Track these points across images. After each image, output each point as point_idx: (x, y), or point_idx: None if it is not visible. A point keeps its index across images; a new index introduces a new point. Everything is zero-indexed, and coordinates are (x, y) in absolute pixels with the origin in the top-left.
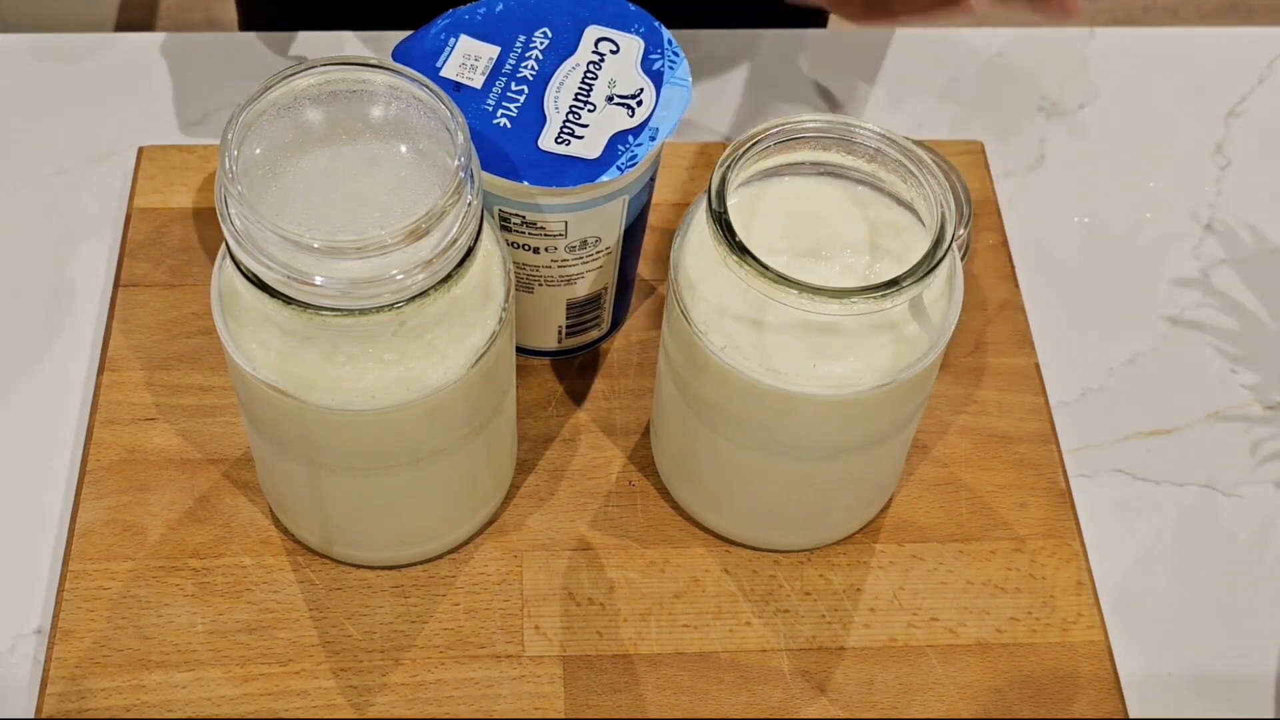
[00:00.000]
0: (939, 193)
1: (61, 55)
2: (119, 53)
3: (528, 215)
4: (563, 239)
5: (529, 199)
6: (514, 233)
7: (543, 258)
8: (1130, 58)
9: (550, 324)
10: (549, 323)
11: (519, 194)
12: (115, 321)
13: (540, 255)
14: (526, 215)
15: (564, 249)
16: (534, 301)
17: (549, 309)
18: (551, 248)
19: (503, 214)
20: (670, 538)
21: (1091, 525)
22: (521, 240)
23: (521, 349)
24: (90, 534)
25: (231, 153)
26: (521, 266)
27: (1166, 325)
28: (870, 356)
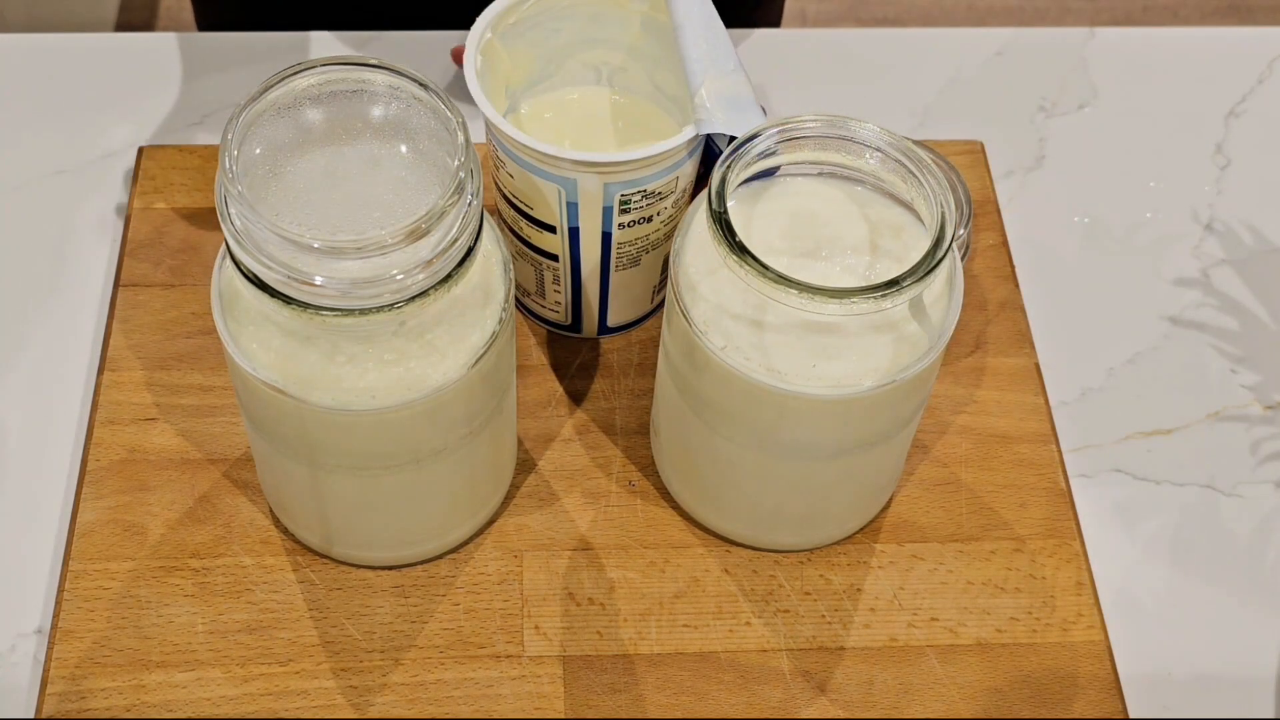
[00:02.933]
0: (939, 192)
1: (62, 55)
2: (119, 53)
3: (650, 187)
4: (673, 195)
5: (664, 162)
6: (631, 212)
7: (654, 224)
8: (1130, 58)
9: (648, 288)
10: (647, 287)
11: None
12: (115, 321)
13: (652, 223)
14: (649, 188)
15: (671, 204)
16: (638, 274)
17: (650, 274)
18: (663, 209)
19: (623, 199)
20: (670, 538)
21: (1091, 525)
22: (636, 217)
23: (626, 325)
24: (90, 534)
25: (232, 152)
26: (630, 244)
27: (1167, 325)
28: (870, 356)
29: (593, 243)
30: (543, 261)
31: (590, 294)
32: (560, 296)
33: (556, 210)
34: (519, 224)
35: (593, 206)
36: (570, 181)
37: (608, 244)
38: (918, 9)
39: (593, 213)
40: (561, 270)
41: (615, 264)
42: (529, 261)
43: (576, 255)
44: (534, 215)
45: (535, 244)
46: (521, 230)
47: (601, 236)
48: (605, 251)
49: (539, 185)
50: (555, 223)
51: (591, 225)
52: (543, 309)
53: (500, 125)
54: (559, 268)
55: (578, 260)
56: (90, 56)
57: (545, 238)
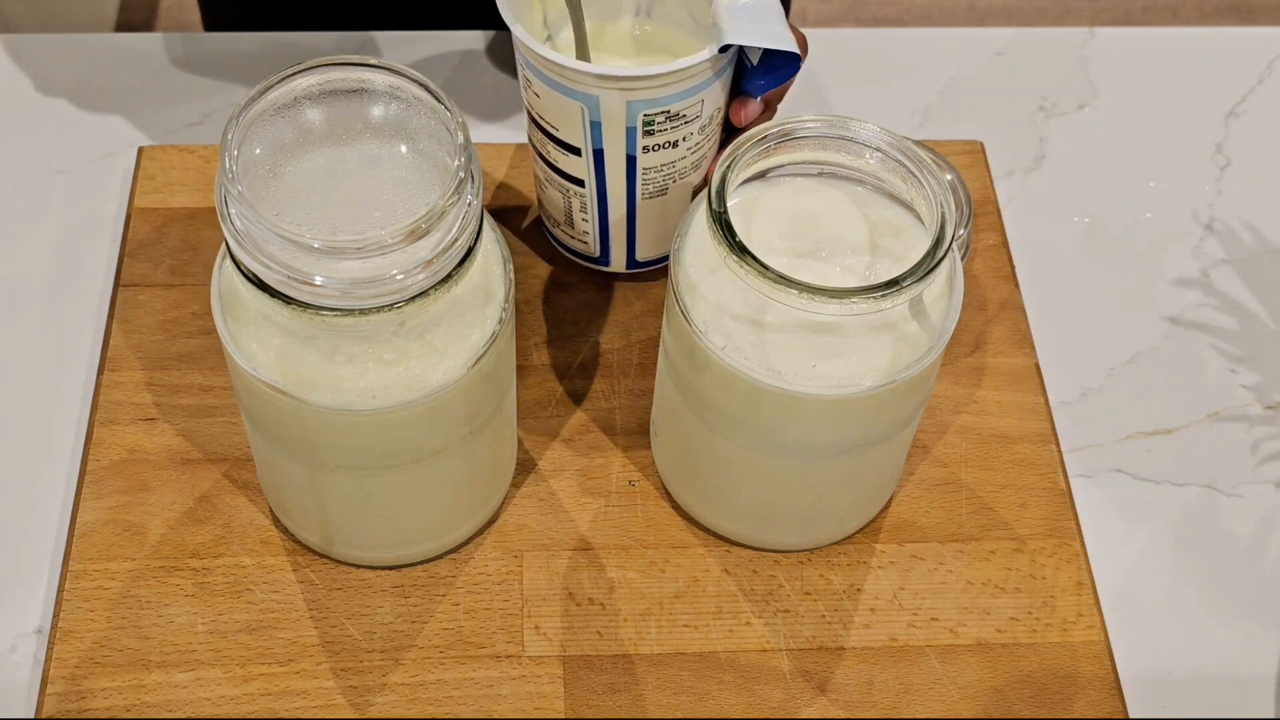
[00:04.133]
0: (939, 192)
1: (62, 55)
2: (119, 53)
3: (673, 108)
4: (698, 120)
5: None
6: (655, 134)
7: (679, 150)
8: (1130, 58)
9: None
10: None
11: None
12: (115, 321)
13: (678, 149)
14: (672, 108)
15: (698, 131)
16: (665, 204)
17: (679, 206)
18: (688, 135)
19: (645, 119)
20: (670, 538)
21: (1092, 525)
22: (661, 141)
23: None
24: (90, 534)
25: (232, 153)
26: (656, 170)
27: (1167, 325)
28: (870, 356)
29: (618, 166)
30: (570, 188)
31: (617, 223)
32: (588, 225)
33: (581, 130)
34: (546, 147)
35: (616, 126)
36: (593, 99)
37: (633, 168)
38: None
39: (616, 133)
40: (588, 196)
41: (641, 191)
42: (557, 189)
43: (602, 179)
44: (560, 137)
45: (562, 168)
46: (549, 154)
47: (626, 160)
48: (631, 177)
49: (563, 104)
50: (580, 144)
51: (616, 147)
52: (572, 239)
53: (525, 40)
54: (585, 194)
55: (603, 185)
56: (90, 56)
57: (571, 161)
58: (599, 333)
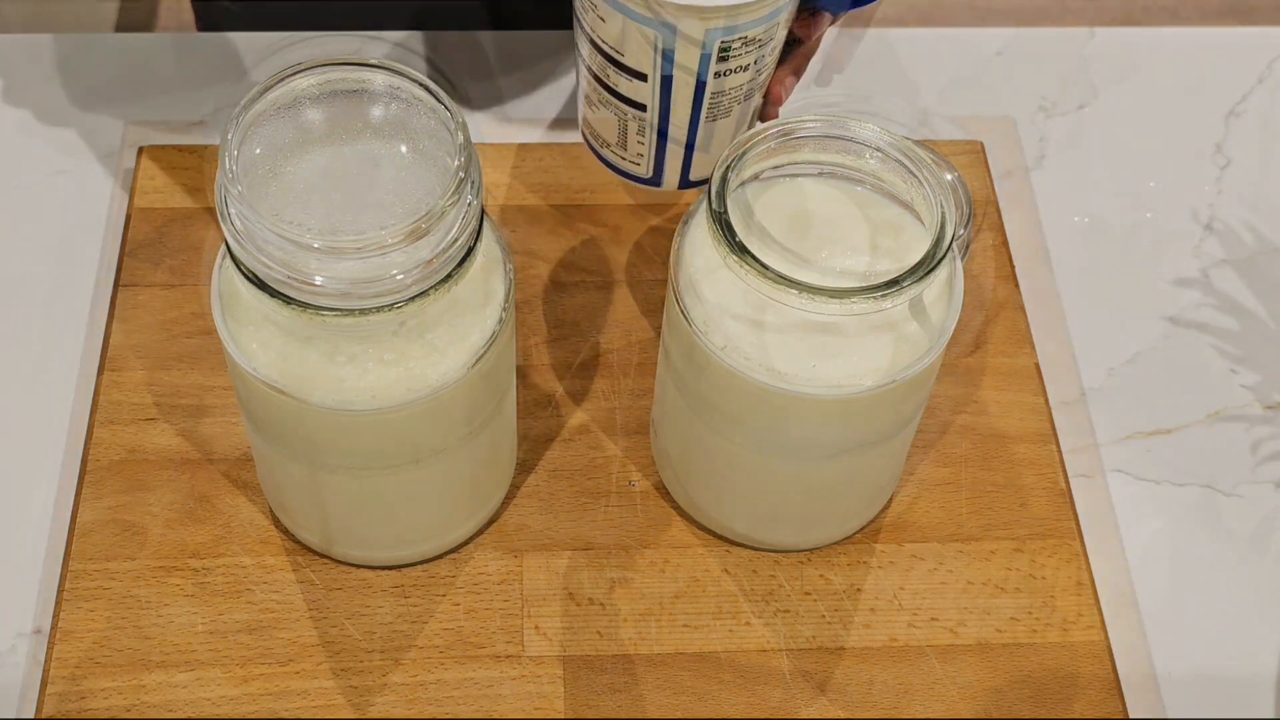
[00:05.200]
0: (939, 193)
1: (61, 55)
2: (119, 53)
3: (750, 33)
4: (771, 42)
5: (769, 6)
6: (730, 60)
7: (749, 73)
8: (1130, 58)
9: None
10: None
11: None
12: (115, 321)
13: (748, 71)
14: (749, 34)
15: (769, 52)
16: (727, 124)
17: (740, 124)
18: (761, 57)
19: (722, 46)
20: (670, 538)
21: (1092, 525)
22: (734, 65)
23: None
24: (90, 534)
25: (232, 152)
26: (724, 93)
27: (1167, 325)
28: (870, 356)
29: (685, 92)
30: (628, 111)
31: (676, 145)
32: (643, 149)
33: (650, 58)
34: (606, 71)
35: (690, 54)
36: (669, 27)
37: (700, 93)
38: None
39: (689, 60)
40: (648, 120)
41: (706, 115)
42: (612, 110)
43: (666, 105)
44: (624, 62)
45: (622, 92)
46: (608, 78)
47: (695, 86)
48: (697, 101)
49: (634, 30)
50: (647, 71)
51: (686, 74)
52: (622, 160)
53: None
54: (645, 118)
55: (667, 110)
56: (90, 56)
57: (634, 86)
58: (599, 332)
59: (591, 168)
